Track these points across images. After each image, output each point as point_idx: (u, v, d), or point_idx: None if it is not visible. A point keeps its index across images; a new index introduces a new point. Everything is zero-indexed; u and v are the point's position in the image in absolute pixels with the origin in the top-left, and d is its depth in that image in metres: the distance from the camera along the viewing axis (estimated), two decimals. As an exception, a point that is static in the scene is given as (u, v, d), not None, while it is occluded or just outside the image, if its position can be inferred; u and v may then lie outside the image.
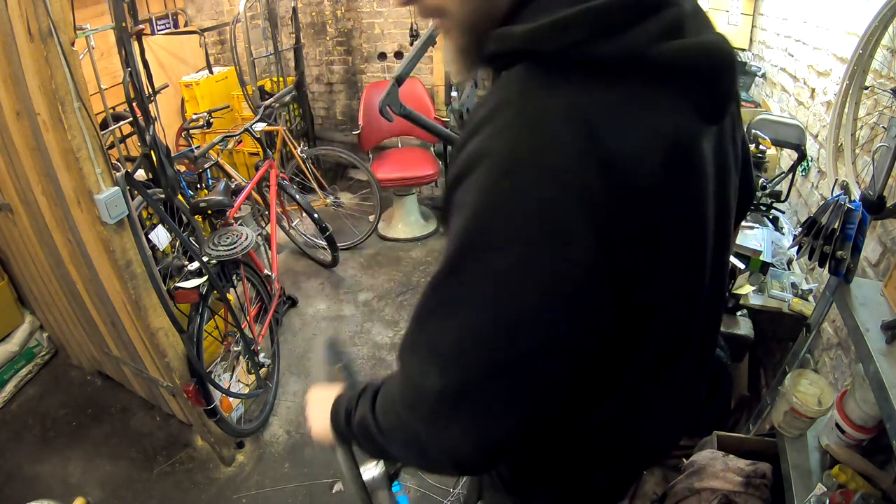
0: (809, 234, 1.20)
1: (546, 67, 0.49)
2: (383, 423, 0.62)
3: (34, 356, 2.47)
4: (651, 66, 0.50)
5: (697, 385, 0.80)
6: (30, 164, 1.54)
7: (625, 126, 0.48)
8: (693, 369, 0.75)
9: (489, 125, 0.50)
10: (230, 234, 2.00)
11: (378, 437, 0.64)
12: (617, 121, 0.48)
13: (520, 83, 0.50)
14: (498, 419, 0.53)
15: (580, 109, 0.48)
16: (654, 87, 0.51)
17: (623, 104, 0.49)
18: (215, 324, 2.12)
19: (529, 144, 0.47)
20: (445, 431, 0.54)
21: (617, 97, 0.49)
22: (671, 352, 0.66)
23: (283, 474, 2.03)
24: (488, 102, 0.52)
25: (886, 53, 1.46)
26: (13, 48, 1.26)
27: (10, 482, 1.99)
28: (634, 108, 0.50)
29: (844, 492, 1.13)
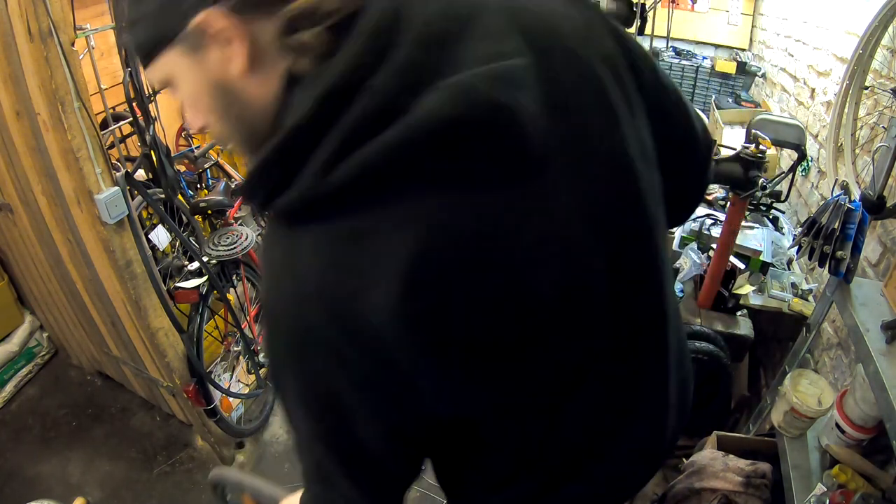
0: (809, 234, 1.20)
1: (276, 222, 0.45)
2: None
3: (34, 356, 2.47)
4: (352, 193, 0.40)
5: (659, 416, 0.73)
6: (30, 164, 1.54)
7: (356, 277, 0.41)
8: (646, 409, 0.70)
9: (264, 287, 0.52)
10: (230, 233, 2.00)
11: None
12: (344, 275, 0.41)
13: (265, 238, 0.51)
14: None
15: (306, 277, 0.42)
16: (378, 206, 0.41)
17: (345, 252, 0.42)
18: (215, 324, 2.12)
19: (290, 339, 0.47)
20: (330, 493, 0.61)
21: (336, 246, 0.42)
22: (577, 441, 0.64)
23: (283, 474, 2.03)
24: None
25: (886, 53, 1.46)
26: (13, 48, 1.26)
27: (10, 482, 1.99)
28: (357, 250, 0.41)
29: (844, 492, 1.13)
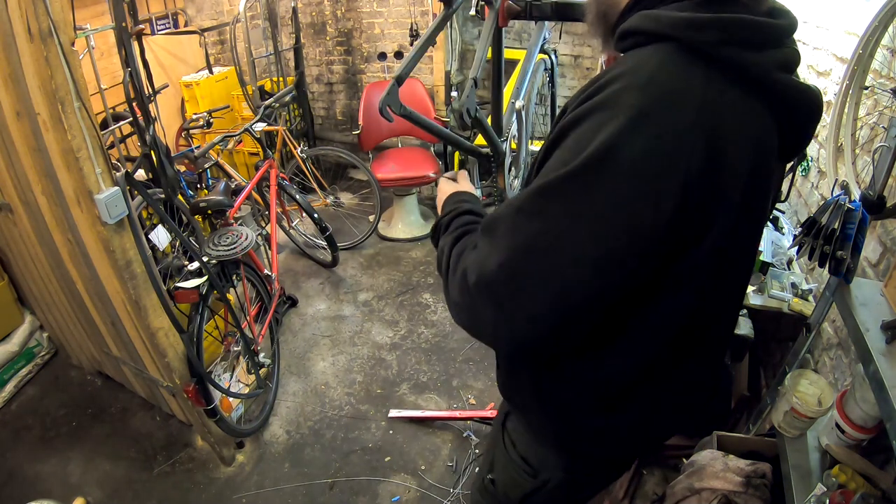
0: (809, 234, 1.20)
1: (683, 54, 0.59)
2: (451, 262, 0.73)
3: (34, 356, 2.47)
4: (767, 88, 0.61)
5: (713, 367, 0.86)
6: (30, 164, 1.54)
7: (736, 124, 0.59)
8: (713, 351, 0.83)
9: (630, 77, 0.58)
10: (230, 234, 2.00)
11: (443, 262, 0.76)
12: (732, 117, 0.59)
13: (661, 57, 0.59)
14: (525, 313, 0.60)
15: (708, 95, 0.57)
16: (760, 105, 0.62)
17: (737, 106, 0.60)
18: (215, 324, 2.12)
19: (669, 104, 0.57)
20: (483, 312, 0.63)
21: (733, 98, 0.59)
22: (699, 324, 0.73)
23: (283, 474, 2.03)
24: (626, 64, 0.61)
25: (886, 53, 1.46)
26: (13, 48, 1.26)
27: (10, 482, 1.99)
28: (745, 113, 0.61)
29: (844, 492, 1.13)
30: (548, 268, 0.58)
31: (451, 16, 1.13)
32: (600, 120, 0.57)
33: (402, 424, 2.23)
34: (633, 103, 0.56)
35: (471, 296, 0.64)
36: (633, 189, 0.56)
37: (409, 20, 3.62)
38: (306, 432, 2.22)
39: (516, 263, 0.60)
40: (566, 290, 0.59)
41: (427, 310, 2.92)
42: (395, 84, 0.92)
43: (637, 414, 0.80)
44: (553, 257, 0.58)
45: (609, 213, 0.57)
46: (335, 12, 3.98)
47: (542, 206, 0.59)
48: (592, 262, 0.58)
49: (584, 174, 0.57)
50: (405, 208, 3.63)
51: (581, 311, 0.61)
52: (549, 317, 0.60)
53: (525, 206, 0.61)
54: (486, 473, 1.04)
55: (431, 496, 1.94)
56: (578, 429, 0.83)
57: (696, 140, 0.57)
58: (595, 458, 0.90)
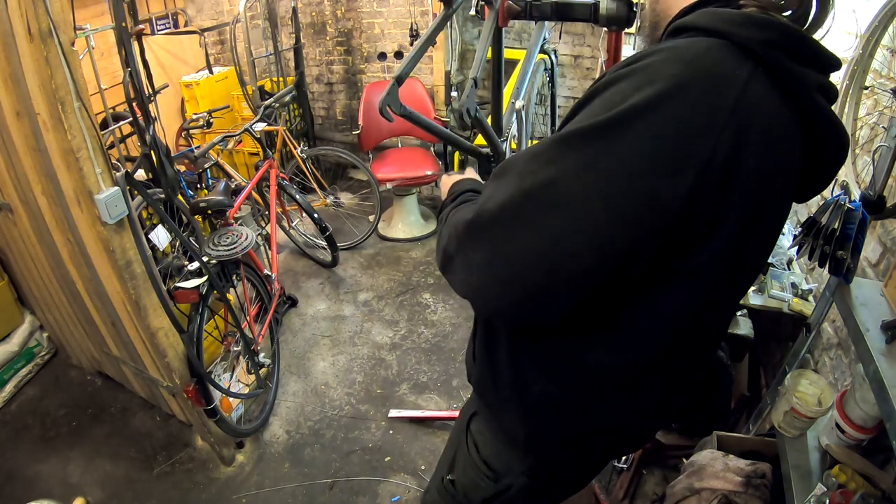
0: (809, 234, 1.20)
1: (733, 49, 0.58)
2: (448, 218, 0.76)
3: (34, 356, 2.47)
4: (803, 105, 0.61)
5: (698, 372, 0.84)
6: (30, 164, 1.54)
7: (766, 130, 0.58)
8: (699, 357, 0.81)
9: (675, 52, 0.57)
10: (230, 234, 2.00)
11: (441, 227, 0.79)
12: (764, 121, 0.58)
13: (709, 44, 0.58)
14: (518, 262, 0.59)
15: (749, 91, 0.56)
16: (794, 120, 0.62)
17: (772, 112, 0.59)
18: (215, 324, 2.12)
19: (710, 85, 0.55)
20: (473, 254, 0.63)
21: (771, 104, 0.59)
22: (688, 330, 0.72)
23: (283, 474, 2.03)
24: (668, 44, 0.60)
25: (886, 53, 1.46)
26: (13, 48, 1.26)
27: (10, 482, 1.99)
28: (778, 124, 0.60)
29: (844, 492, 1.13)
30: (547, 218, 0.56)
31: (451, 16, 1.13)
32: (636, 83, 0.56)
33: (402, 424, 2.23)
34: (674, 73, 0.55)
35: (464, 238, 0.64)
36: (654, 157, 0.54)
37: (409, 20, 3.62)
38: (306, 432, 2.22)
39: (517, 207, 0.57)
40: (561, 246, 0.56)
41: (427, 310, 2.92)
42: (395, 84, 0.92)
43: (616, 416, 0.78)
44: (556, 208, 0.56)
45: (624, 175, 0.54)
46: (335, 12, 3.98)
47: (557, 154, 0.57)
48: (594, 225, 0.55)
49: (607, 129, 0.55)
50: (405, 208, 3.63)
51: (571, 275, 0.58)
52: (535, 272, 0.58)
53: (540, 153, 0.59)
54: (446, 473, 1.01)
55: (431, 496, 1.94)
56: (552, 429, 0.81)
57: (727, 129, 0.55)
58: (563, 463, 0.89)
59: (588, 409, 0.78)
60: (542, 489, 0.93)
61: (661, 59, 0.57)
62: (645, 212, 0.55)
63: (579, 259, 0.57)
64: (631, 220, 0.55)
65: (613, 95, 0.57)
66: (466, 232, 0.63)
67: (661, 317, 0.67)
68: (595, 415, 0.78)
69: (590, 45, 3.52)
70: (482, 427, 0.94)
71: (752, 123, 0.56)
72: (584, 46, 3.55)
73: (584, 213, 0.55)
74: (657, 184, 0.54)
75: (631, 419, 0.81)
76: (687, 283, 0.64)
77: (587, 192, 0.55)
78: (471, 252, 0.63)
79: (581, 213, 0.55)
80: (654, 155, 0.54)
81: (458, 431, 1.01)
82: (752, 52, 0.58)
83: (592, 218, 0.55)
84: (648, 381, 0.75)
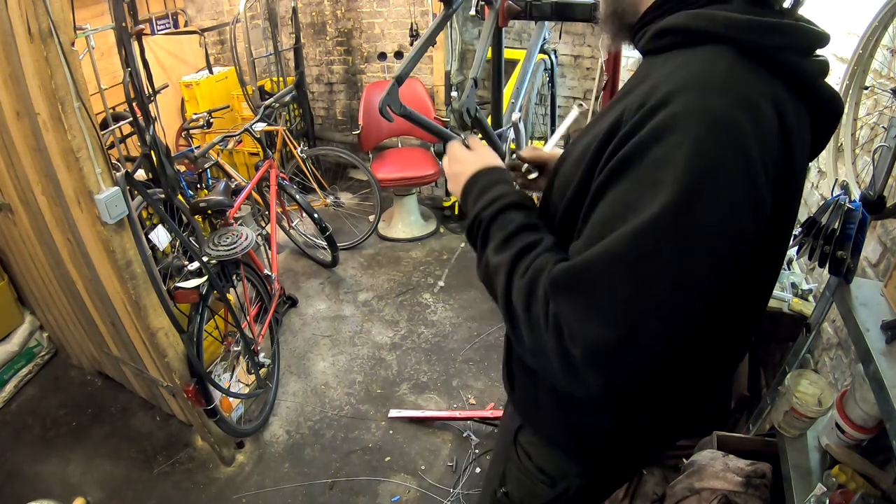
0: (809, 234, 1.20)
1: (743, 57, 0.57)
2: (523, 299, 0.63)
3: (34, 356, 2.47)
4: (811, 94, 0.63)
5: (734, 363, 0.86)
6: (30, 164, 1.54)
7: (794, 115, 0.60)
8: (738, 347, 0.82)
9: (692, 92, 0.54)
10: (230, 234, 2.00)
11: (506, 291, 0.66)
12: (790, 111, 0.59)
13: (725, 62, 0.56)
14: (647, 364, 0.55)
15: (778, 98, 0.57)
16: (805, 110, 0.63)
17: (792, 109, 0.60)
18: (215, 324, 2.12)
19: (752, 111, 0.54)
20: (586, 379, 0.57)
21: (790, 101, 0.60)
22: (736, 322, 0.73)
23: (283, 474, 2.03)
24: (678, 74, 0.57)
25: (886, 53, 1.46)
26: (13, 48, 1.26)
27: (10, 482, 1.99)
28: (798, 117, 0.61)
29: (844, 492, 1.13)
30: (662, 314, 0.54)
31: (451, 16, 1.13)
32: (678, 140, 0.52)
33: (402, 424, 2.23)
34: (716, 111, 0.53)
35: (578, 365, 0.56)
36: (735, 205, 0.53)
37: (409, 20, 3.62)
38: (306, 432, 2.22)
39: (629, 323, 0.53)
40: (683, 323, 0.55)
41: (427, 310, 2.92)
42: (395, 84, 0.92)
43: (659, 413, 0.80)
44: (669, 298, 0.53)
45: (718, 238, 0.53)
46: (335, 12, 3.98)
47: (648, 247, 0.53)
48: (704, 292, 0.54)
49: (686, 203, 0.51)
50: (405, 208, 3.63)
51: (691, 337, 0.57)
52: (663, 353, 0.55)
53: (624, 253, 0.54)
54: (499, 487, 1.02)
55: (431, 496, 1.94)
56: (604, 444, 0.83)
57: (777, 142, 0.56)
58: (616, 462, 0.91)
59: (630, 413, 0.79)
60: (597, 487, 0.96)
61: (689, 101, 0.53)
62: (739, 256, 0.56)
63: (696, 321, 0.56)
64: (729, 271, 0.56)
65: (657, 164, 0.53)
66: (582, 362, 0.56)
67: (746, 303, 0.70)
68: (638, 414, 0.79)
69: (590, 45, 3.52)
70: (531, 438, 0.94)
71: (790, 129, 0.58)
72: (584, 46, 3.55)
73: (693, 288, 0.54)
74: (745, 230, 0.55)
75: (671, 415, 0.82)
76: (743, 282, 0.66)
77: (692, 272, 0.54)
78: (586, 377, 0.57)
79: (690, 289, 0.54)
80: (735, 205, 0.53)
81: (504, 446, 1.01)
82: (764, 56, 0.58)
83: (702, 289, 0.55)
84: (688, 379, 0.76)
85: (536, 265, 0.64)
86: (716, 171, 0.52)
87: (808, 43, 0.62)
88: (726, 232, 0.53)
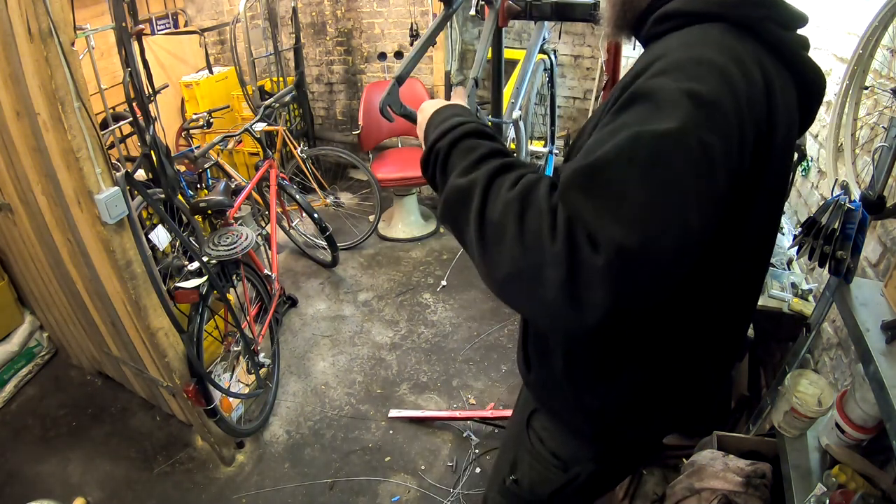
0: (809, 234, 1.20)
1: (733, 30, 0.63)
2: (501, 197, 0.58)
3: (34, 356, 2.47)
4: (794, 65, 0.68)
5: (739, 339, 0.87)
6: (30, 164, 1.54)
7: (779, 83, 0.65)
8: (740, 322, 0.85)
9: (689, 48, 0.61)
10: (230, 234, 2.00)
11: (471, 197, 0.60)
12: (777, 79, 0.64)
13: (715, 32, 0.62)
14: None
15: (763, 64, 0.63)
16: (791, 80, 0.69)
17: (776, 71, 0.65)
18: (215, 324, 2.12)
19: (742, 67, 0.59)
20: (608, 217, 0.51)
21: (772, 64, 0.65)
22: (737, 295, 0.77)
23: (283, 474, 2.03)
24: (674, 42, 0.63)
25: (886, 53, 1.46)
26: (13, 48, 1.26)
27: (10, 482, 1.99)
28: (784, 86, 0.66)
29: (844, 492, 1.13)
30: (677, 222, 0.51)
31: (451, 16, 1.13)
32: (689, 75, 0.56)
33: (402, 424, 2.23)
34: (714, 61, 0.57)
35: (591, 277, 0.51)
36: (730, 138, 0.55)
37: (409, 20, 3.62)
38: (306, 432, 2.22)
39: (650, 228, 0.50)
40: (691, 241, 0.53)
41: (427, 310, 2.92)
42: (395, 84, 0.92)
43: (664, 390, 0.81)
44: (680, 210, 0.52)
45: (719, 157, 0.54)
46: (335, 12, 3.98)
47: (662, 155, 0.52)
48: (706, 214, 0.54)
49: (693, 124, 0.53)
50: (405, 208, 3.63)
51: (694, 248, 0.54)
52: (673, 272, 0.53)
53: (638, 156, 0.52)
54: (508, 475, 1.03)
55: (431, 496, 1.94)
56: (620, 423, 0.84)
57: (763, 100, 0.61)
58: (630, 445, 0.92)
59: (654, 390, 0.80)
60: (608, 473, 0.97)
61: (687, 52, 0.59)
62: (731, 184, 0.57)
63: (699, 231, 0.54)
64: (724, 195, 0.57)
65: (659, 93, 0.55)
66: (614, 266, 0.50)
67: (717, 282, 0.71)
68: (660, 393, 0.81)
69: (590, 45, 3.52)
70: (545, 423, 0.95)
71: (774, 92, 0.63)
72: (584, 46, 3.55)
73: (701, 195, 0.53)
74: (739, 162, 0.58)
75: (695, 381, 0.83)
76: (739, 249, 0.69)
77: (700, 179, 0.53)
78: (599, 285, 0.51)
79: (698, 195, 0.53)
80: (731, 136, 0.55)
81: (517, 431, 1.01)
82: (750, 28, 0.64)
83: (705, 198, 0.54)
84: (697, 349, 0.78)
85: (529, 179, 0.59)
86: (715, 104, 0.55)
87: (789, 17, 0.67)
88: (723, 162, 0.55)
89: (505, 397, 2.34)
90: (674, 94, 0.54)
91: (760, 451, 1.55)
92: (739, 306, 0.81)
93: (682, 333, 0.75)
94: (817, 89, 0.73)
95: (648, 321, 0.66)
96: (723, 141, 0.54)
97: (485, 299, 2.96)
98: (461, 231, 0.63)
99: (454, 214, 0.63)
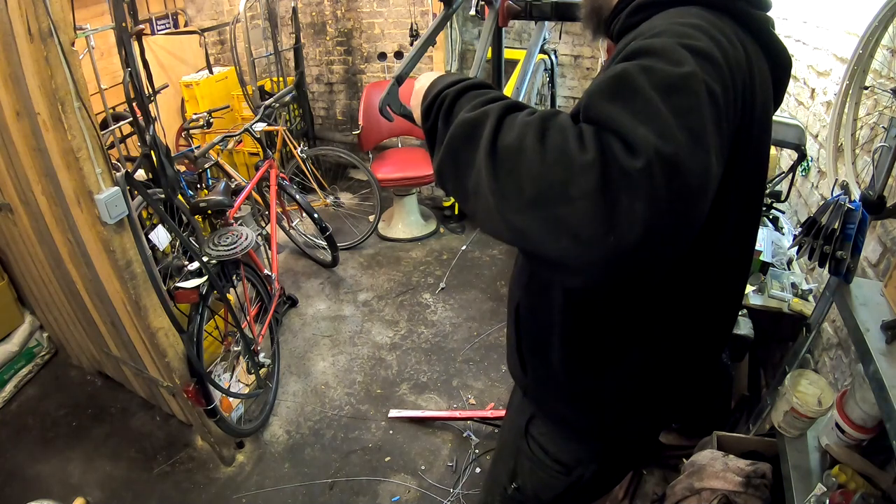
0: (809, 234, 1.20)
1: (709, 10, 0.65)
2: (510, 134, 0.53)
3: (34, 356, 2.47)
4: (766, 43, 0.71)
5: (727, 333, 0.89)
6: (30, 164, 1.54)
7: (755, 58, 0.67)
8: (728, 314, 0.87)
9: (671, 17, 0.62)
10: (230, 234, 2.00)
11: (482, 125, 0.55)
12: (752, 54, 0.66)
13: (692, 10, 0.64)
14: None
15: (739, 36, 0.65)
16: (764, 57, 0.71)
17: (752, 47, 0.68)
18: (215, 324, 2.12)
19: (724, 39, 0.60)
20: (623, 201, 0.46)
21: (750, 41, 0.68)
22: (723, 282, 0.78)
23: (283, 474, 2.03)
24: (662, 20, 0.63)
25: (886, 53, 1.46)
26: (13, 48, 1.26)
27: (10, 482, 1.99)
28: (756, 54, 0.68)
29: (844, 492, 1.13)
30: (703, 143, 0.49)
31: (451, 16, 1.13)
32: (673, 38, 0.55)
33: (402, 424, 2.23)
34: (700, 25, 0.58)
35: (632, 181, 0.46)
36: (728, 89, 0.55)
37: (409, 20, 3.62)
38: (306, 432, 2.22)
39: (681, 141, 0.47)
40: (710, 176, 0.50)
41: (427, 310, 2.92)
42: (394, 84, 0.92)
43: (659, 379, 0.82)
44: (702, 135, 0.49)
45: (722, 105, 0.53)
46: (335, 12, 3.98)
47: (677, 85, 0.50)
48: (720, 140, 0.53)
49: (700, 64, 0.52)
50: (405, 208, 3.63)
51: (713, 183, 0.51)
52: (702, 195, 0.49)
53: (655, 78, 0.50)
54: (509, 483, 1.02)
55: (431, 496, 1.94)
56: (619, 416, 0.85)
57: (746, 67, 0.62)
58: (630, 441, 0.93)
59: (652, 375, 0.81)
60: (610, 471, 0.98)
61: (670, 21, 0.60)
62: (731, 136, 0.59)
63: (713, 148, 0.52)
64: (729, 138, 0.57)
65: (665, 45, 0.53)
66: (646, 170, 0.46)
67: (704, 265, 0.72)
68: (659, 381, 0.82)
69: (590, 45, 3.51)
70: (544, 429, 0.95)
71: (751, 66, 0.64)
72: (584, 46, 3.54)
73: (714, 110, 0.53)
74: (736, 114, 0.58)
75: (679, 382, 0.84)
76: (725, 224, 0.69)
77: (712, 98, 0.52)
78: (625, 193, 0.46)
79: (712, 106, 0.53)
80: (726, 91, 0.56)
81: (514, 439, 1.01)
82: (724, 9, 0.66)
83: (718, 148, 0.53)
84: (690, 341, 0.80)
85: (546, 110, 0.54)
86: (711, 57, 0.55)
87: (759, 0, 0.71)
88: (725, 112, 0.54)
89: (505, 397, 2.34)
90: (674, 46, 0.53)
91: (760, 451, 1.55)
92: (728, 288, 0.82)
93: (675, 315, 0.77)
94: (787, 66, 0.76)
95: (645, 301, 0.74)
96: (724, 92, 0.55)
97: (485, 299, 2.96)
98: (464, 172, 0.56)
99: (457, 152, 0.57)
